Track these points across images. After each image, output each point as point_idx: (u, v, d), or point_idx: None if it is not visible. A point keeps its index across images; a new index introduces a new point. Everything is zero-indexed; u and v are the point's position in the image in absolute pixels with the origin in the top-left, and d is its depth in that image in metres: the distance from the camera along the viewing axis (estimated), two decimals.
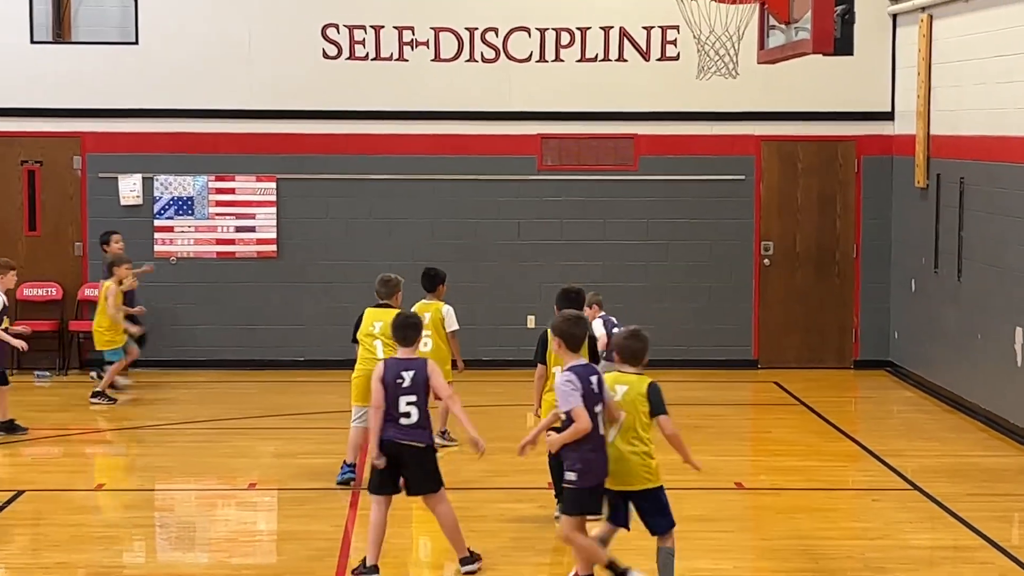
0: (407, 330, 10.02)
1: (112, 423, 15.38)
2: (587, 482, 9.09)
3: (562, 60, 18.82)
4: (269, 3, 18.79)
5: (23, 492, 11.87)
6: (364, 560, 9.79)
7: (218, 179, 18.84)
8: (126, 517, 11.38)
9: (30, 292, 18.63)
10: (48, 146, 18.77)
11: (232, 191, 18.87)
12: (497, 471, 12.71)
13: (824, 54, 11.40)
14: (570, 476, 9.08)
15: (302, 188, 18.88)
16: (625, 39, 18.79)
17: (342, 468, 12.35)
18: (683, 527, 9.70)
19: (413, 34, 18.71)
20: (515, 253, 18.98)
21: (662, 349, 18.84)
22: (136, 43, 18.69)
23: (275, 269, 18.74)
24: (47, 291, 18.66)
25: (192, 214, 18.82)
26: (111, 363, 16.57)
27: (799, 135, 19.03)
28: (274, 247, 18.79)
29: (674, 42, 18.55)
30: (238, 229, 18.84)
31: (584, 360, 9.37)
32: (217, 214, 18.84)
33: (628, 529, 9.36)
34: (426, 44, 18.73)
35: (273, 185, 18.86)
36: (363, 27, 18.69)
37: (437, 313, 13.85)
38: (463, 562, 10.01)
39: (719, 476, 12.72)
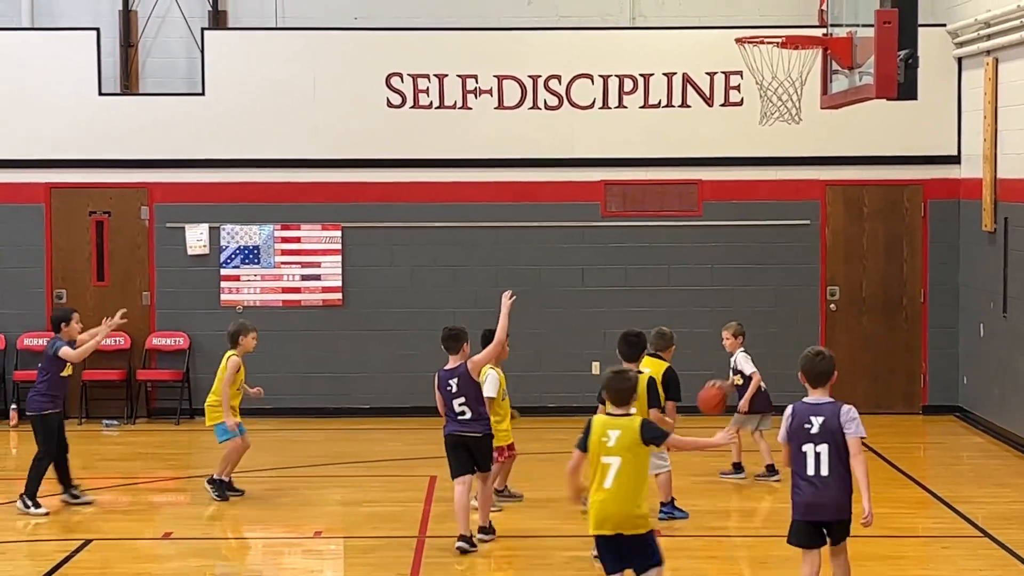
0: (449, 341, 12.06)
1: (179, 471, 15.45)
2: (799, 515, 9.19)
3: (625, 107, 18.84)
4: (334, 53, 18.93)
5: (90, 541, 11.93)
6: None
7: (284, 228, 18.96)
8: (192, 566, 11.41)
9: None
10: (116, 197, 18.97)
11: (298, 240, 18.98)
12: (562, 519, 12.66)
13: (888, 99, 11.34)
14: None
15: (367, 236, 18.96)
16: (688, 85, 18.79)
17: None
18: (753, 572, 9.61)
19: (477, 82, 18.80)
20: (579, 299, 18.97)
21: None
22: (203, 94, 18.87)
23: (340, 317, 18.80)
24: (115, 340, 18.78)
25: (258, 263, 18.95)
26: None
27: (864, 179, 18.94)
28: (339, 295, 18.87)
29: (737, 88, 18.52)
30: (304, 277, 18.94)
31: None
32: (283, 263, 18.95)
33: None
34: (490, 92, 18.80)
35: (338, 233, 18.96)
36: (427, 76, 18.79)
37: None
38: (483, 531, 11.92)
39: (786, 523, 12.59)
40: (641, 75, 18.83)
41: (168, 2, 19.72)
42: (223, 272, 18.94)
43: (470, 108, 18.84)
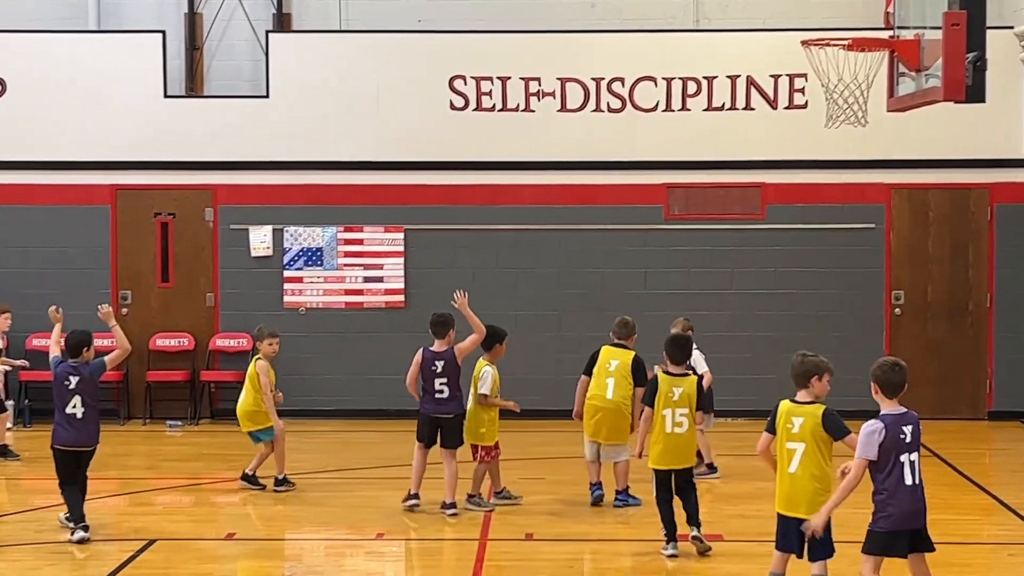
0: (437, 326, 13.31)
1: (241, 472, 15.51)
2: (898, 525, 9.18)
3: (688, 109, 18.78)
4: (398, 56, 18.97)
5: (154, 541, 11.99)
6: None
7: (347, 230, 19.02)
8: (255, 566, 11.45)
9: (163, 342, 18.93)
10: (181, 198, 19.09)
11: (360, 242, 19.04)
12: (626, 522, 12.62)
13: (956, 102, 11.24)
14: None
15: (429, 238, 19.00)
16: (752, 87, 18.71)
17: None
18: None
19: (540, 85, 18.80)
20: (641, 302, 18.89)
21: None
22: (267, 96, 18.97)
23: (403, 319, 18.83)
24: (179, 341, 18.94)
25: (321, 265, 19.02)
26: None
27: (930, 183, 18.80)
28: (402, 297, 18.92)
29: (802, 90, 18.43)
30: (366, 279, 18.99)
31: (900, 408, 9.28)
32: (346, 265, 19.02)
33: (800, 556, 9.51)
34: (552, 95, 18.79)
35: (401, 236, 19.00)
36: (490, 79, 18.81)
37: (478, 371, 13.54)
38: (447, 506, 12.88)
39: (851, 529, 12.50)
40: (705, 77, 18.77)
41: (233, 5, 19.84)
42: (286, 274, 19.02)
43: (533, 111, 18.84)
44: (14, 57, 19.01)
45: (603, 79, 18.84)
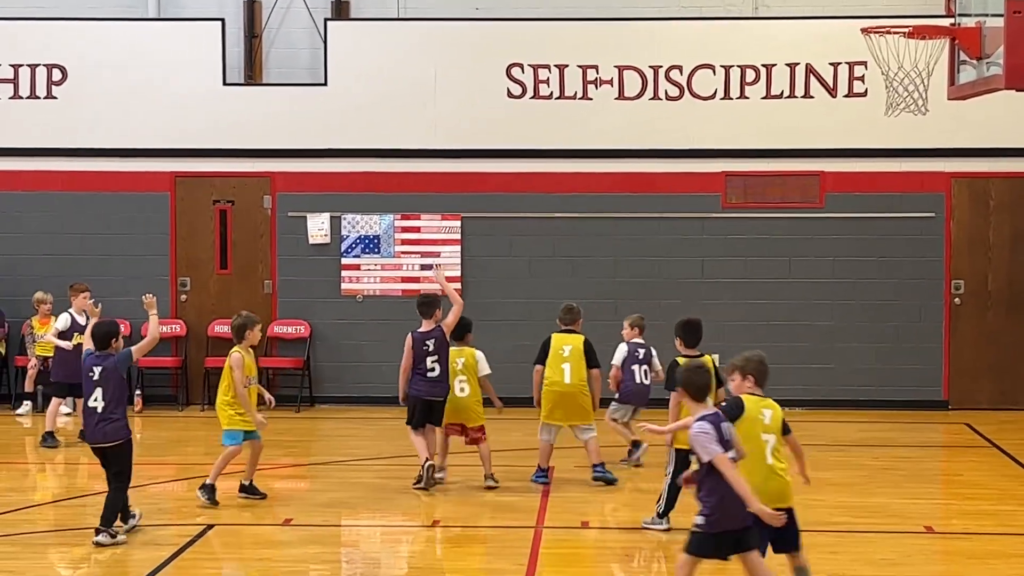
0: (424, 307, 13.71)
1: (299, 458, 15.59)
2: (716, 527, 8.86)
3: (747, 97, 18.70)
4: (455, 44, 18.98)
5: (212, 527, 12.06)
6: None
7: (404, 218, 19.06)
8: (312, 553, 11.49)
9: (221, 329, 18.99)
10: (239, 186, 19.18)
11: (418, 229, 19.07)
12: (683, 510, 12.59)
13: (1017, 89, 11.13)
14: (699, 520, 8.87)
15: (486, 226, 19.00)
16: (811, 75, 18.60)
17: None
18: (873, 571, 9.50)
19: (597, 72, 18.75)
20: (698, 291, 18.86)
21: (848, 389, 18.73)
22: (325, 84, 19.01)
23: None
24: None
25: (378, 252, 19.06)
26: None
27: (991, 171, 18.65)
28: (458, 285, 18.92)
29: (861, 78, 18.31)
30: (423, 267, 19.02)
31: (712, 408, 9.14)
32: (402, 252, 19.06)
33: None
34: (610, 82, 18.75)
35: (458, 223, 19.02)
36: (547, 66, 18.79)
37: (471, 358, 14.00)
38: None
39: (909, 519, 12.46)
40: (763, 65, 18.69)
41: None
42: (344, 261, 19.08)
43: (590, 98, 18.80)
44: (75, 45, 19.14)
45: (661, 67, 18.78)
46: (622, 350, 14.97)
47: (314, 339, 19.04)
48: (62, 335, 16.45)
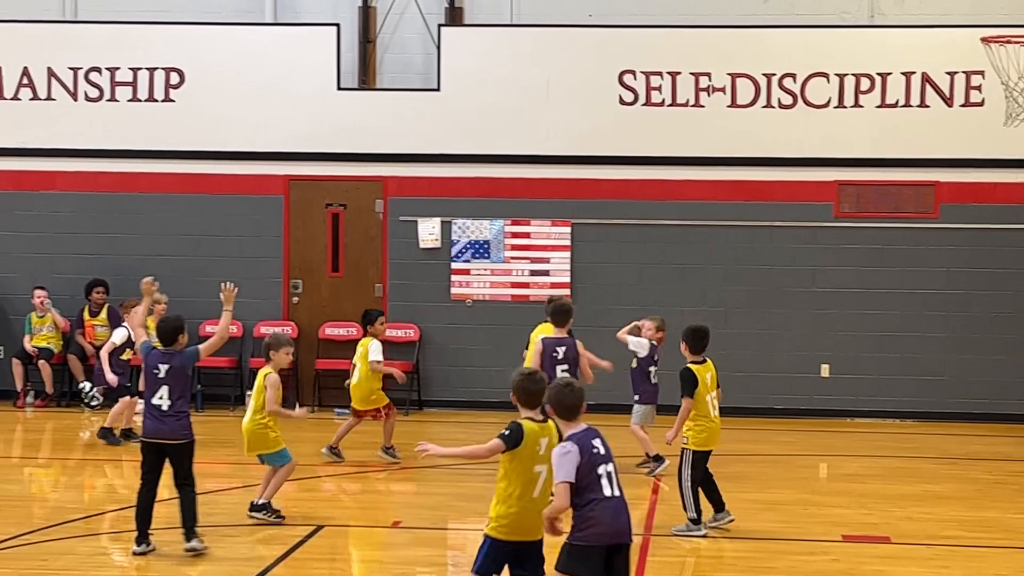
0: (558, 315, 13.70)
1: (408, 460, 15.67)
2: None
3: (861, 106, 18.55)
4: (568, 51, 19.00)
5: (322, 527, 12.15)
6: None
7: (514, 223, 19.11)
8: (420, 555, 11.54)
9: (332, 332, 19.18)
10: (352, 190, 19.34)
11: (527, 235, 19.11)
12: (789, 521, 12.52)
13: None
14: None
15: (596, 233, 19.01)
16: (927, 85, 18.41)
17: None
18: None
19: (710, 80, 18.70)
20: (810, 300, 18.74)
21: (961, 402, 18.47)
22: (438, 90, 19.12)
23: None
24: (348, 331, 19.17)
25: (488, 257, 19.13)
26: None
27: None
28: (568, 291, 18.93)
29: (979, 88, 18.07)
30: (532, 273, 19.06)
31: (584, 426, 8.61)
32: (512, 257, 19.11)
33: None
34: (723, 90, 18.69)
35: (568, 229, 19.04)
36: (660, 73, 18.76)
37: (365, 347, 15.19)
38: None
39: (1022, 535, 12.28)
40: (878, 74, 18.53)
41: None
42: (454, 266, 19.17)
43: (702, 106, 18.75)
44: (193, 49, 19.41)
45: (774, 75, 18.68)
46: (647, 347, 14.80)
47: (423, 343, 19.15)
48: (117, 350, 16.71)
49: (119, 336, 16.65)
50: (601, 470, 8.38)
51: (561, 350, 13.73)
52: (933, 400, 18.63)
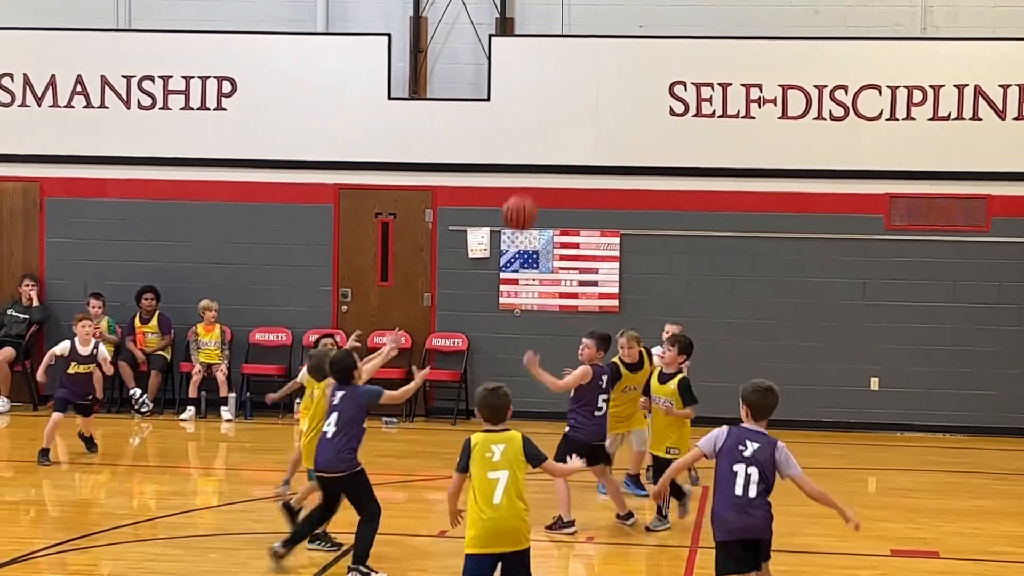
0: (604, 341, 12.97)
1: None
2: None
3: (913, 118, 18.46)
4: (618, 61, 19.00)
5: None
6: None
7: (563, 233, 19.11)
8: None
9: (380, 340, 19.18)
10: (401, 199, 19.39)
11: (576, 245, 19.11)
12: (836, 535, 12.46)
13: None
14: None
15: (645, 244, 18.99)
16: (980, 97, 18.31)
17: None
18: None
19: (761, 91, 18.65)
20: (860, 313, 18.65)
21: (1012, 416, 18.34)
22: (488, 99, 19.15)
23: (617, 324, 18.65)
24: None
25: (537, 268, 19.14)
26: None
27: None
28: (616, 302, 18.93)
29: None
30: (581, 283, 19.06)
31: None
32: (561, 268, 19.11)
33: None
34: (773, 102, 18.64)
35: (617, 240, 19.02)
36: (710, 84, 18.73)
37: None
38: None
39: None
40: (931, 86, 18.44)
41: (457, 9, 20.08)
42: (502, 276, 19.19)
43: (753, 117, 18.71)
44: (245, 58, 19.52)
45: (826, 87, 18.62)
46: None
47: (471, 352, 19.18)
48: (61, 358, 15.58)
49: (61, 348, 15.55)
50: (738, 468, 8.73)
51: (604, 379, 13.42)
52: (983, 415, 18.51)
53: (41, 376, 15.81)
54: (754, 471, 8.76)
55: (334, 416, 10.79)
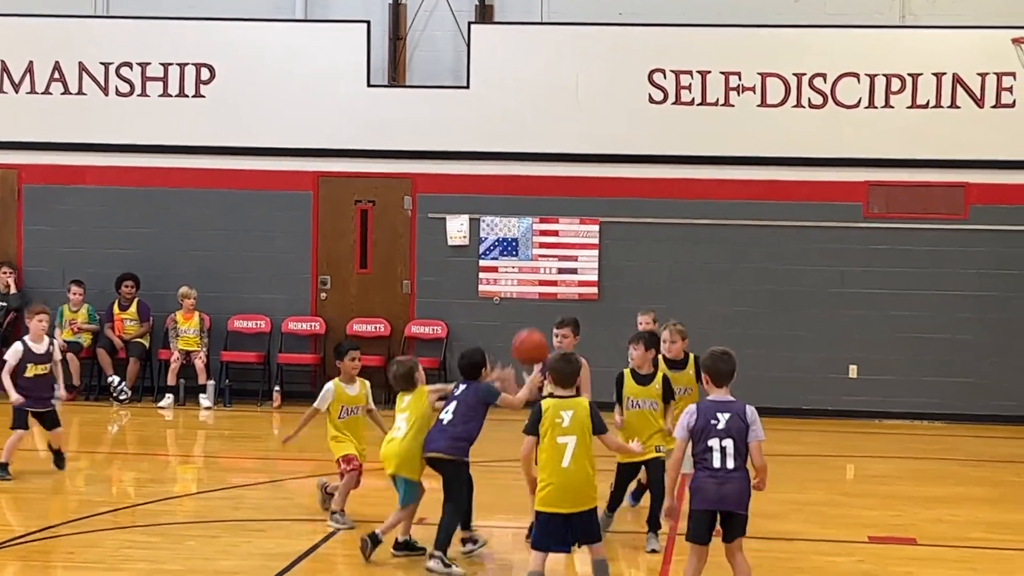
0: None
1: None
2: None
3: (891, 107, 18.50)
4: (598, 49, 18.99)
5: (353, 526, 12.12)
6: None
7: (542, 221, 19.11)
8: (454, 551, 11.53)
9: (359, 328, 19.22)
10: (381, 186, 19.37)
11: (556, 233, 19.12)
12: (816, 521, 12.49)
13: None
14: None
15: (624, 231, 18.99)
16: (958, 85, 18.35)
17: None
18: None
19: (740, 79, 18.67)
20: (838, 301, 18.70)
21: (990, 404, 18.39)
22: (467, 87, 19.13)
23: (596, 311, 18.84)
24: (375, 327, 19.22)
25: (516, 255, 19.14)
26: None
27: None
28: (595, 289, 18.95)
29: (1010, 89, 18.05)
30: (560, 271, 19.06)
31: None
32: (540, 255, 19.11)
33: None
34: (752, 89, 18.65)
35: (596, 228, 19.03)
36: (690, 72, 18.74)
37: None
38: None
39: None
40: (909, 75, 18.48)
41: None
42: (482, 263, 19.19)
43: (732, 105, 18.72)
44: (224, 45, 19.47)
45: (804, 75, 18.64)
46: None
47: (451, 340, 19.17)
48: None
49: (14, 355, 13.75)
50: (713, 443, 9.00)
51: None
52: (961, 402, 18.57)
53: (18, 399, 13.65)
54: (729, 443, 9.02)
55: (452, 405, 10.81)
